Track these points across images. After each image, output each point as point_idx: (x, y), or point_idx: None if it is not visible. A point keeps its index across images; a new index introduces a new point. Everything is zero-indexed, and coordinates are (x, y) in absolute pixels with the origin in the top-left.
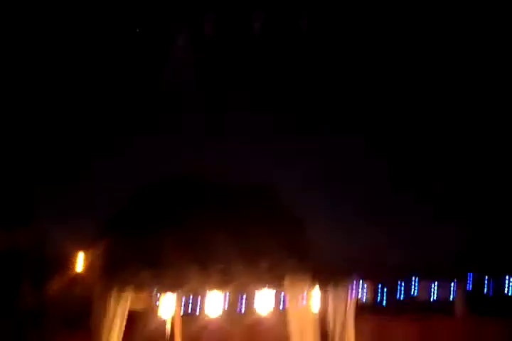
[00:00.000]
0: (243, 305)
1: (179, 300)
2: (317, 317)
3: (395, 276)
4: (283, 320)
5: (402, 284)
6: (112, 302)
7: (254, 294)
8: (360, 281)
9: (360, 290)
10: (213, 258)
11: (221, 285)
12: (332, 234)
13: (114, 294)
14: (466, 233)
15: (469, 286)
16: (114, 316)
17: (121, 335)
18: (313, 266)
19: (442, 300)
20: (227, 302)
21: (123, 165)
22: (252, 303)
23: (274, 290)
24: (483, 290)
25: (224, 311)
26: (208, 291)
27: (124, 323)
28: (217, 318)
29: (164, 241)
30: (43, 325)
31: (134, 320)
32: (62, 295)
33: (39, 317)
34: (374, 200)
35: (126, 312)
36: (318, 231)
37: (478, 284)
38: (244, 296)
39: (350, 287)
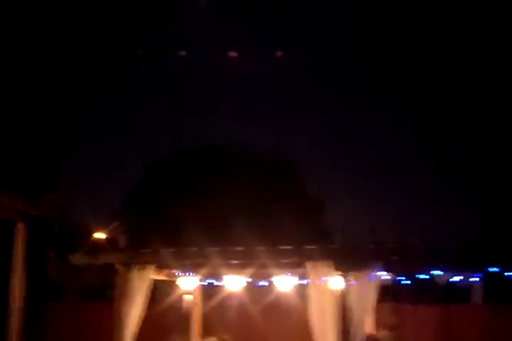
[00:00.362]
0: (264, 281)
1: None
2: (338, 294)
3: (416, 261)
4: (303, 296)
5: (423, 269)
6: (134, 276)
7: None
8: (382, 266)
9: (381, 274)
10: (234, 240)
11: (241, 268)
12: (354, 219)
13: (136, 270)
14: (489, 222)
15: (488, 274)
16: (137, 289)
17: (145, 305)
18: (335, 252)
19: (461, 286)
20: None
21: (143, 136)
22: (273, 280)
23: (295, 276)
24: (502, 279)
25: (244, 286)
26: (227, 274)
27: (148, 295)
28: (237, 292)
29: (185, 220)
30: (64, 296)
31: (156, 289)
32: (84, 267)
33: (61, 288)
34: (398, 185)
35: (149, 284)
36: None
37: (496, 273)
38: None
39: (372, 271)
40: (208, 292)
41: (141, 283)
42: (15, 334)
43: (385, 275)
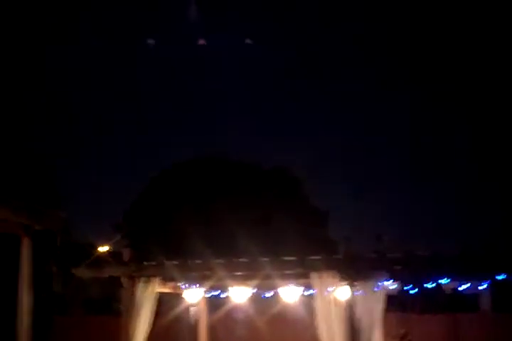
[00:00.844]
0: (269, 293)
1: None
2: (344, 305)
3: (422, 270)
4: (309, 307)
5: (430, 277)
6: (139, 289)
7: (279, 286)
8: (388, 274)
9: (387, 283)
10: (238, 251)
11: (246, 280)
12: (358, 227)
13: (141, 283)
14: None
15: (496, 282)
16: (142, 301)
17: (152, 318)
18: (340, 263)
19: (469, 294)
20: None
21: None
22: (278, 291)
23: (300, 287)
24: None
25: (249, 297)
26: (232, 286)
27: (154, 307)
28: (242, 303)
29: (188, 232)
30: (69, 309)
31: (161, 302)
32: (88, 281)
33: (66, 302)
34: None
35: (155, 297)
36: (344, 224)
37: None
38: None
39: (377, 281)
40: (214, 304)
41: (147, 295)
42: None
43: (391, 285)
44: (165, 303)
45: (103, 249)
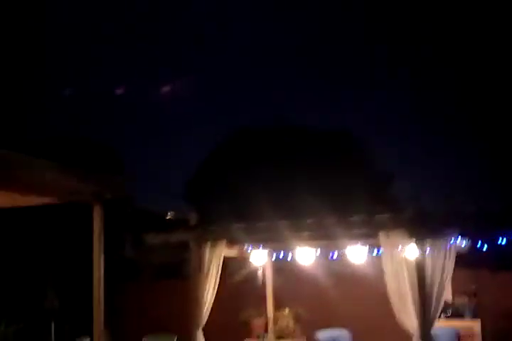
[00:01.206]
0: (335, 253)
1: (271, 251)
2: (413, 263)
3: (495, 225)
4: (377, 267)
5: (503, 234)
6: (206, 252)
7: (346, 246)
8: (459, 231)
9: (458, 240)
10: (304, 212)
11: (312, 241)
12: (425, 186)
13: (208, 246)
14: None
15: None
16: (210, 265)
17: (219, 281)
18: (409, 220)
19: None
20: (319, 250)
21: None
22: (345, 252)
23: (368, 246)
24: None
25: (316, 258)
26: (298, 247)
27: (221, 270)
28: (309, 265)
29: (254, 195)
30: (139, 275)
31: (228, 265)
32: (157, 246)
33: (137, 268)
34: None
35: (222, 260)
36: (409, 183)
37: None
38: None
39: (448, 238)
40: (280, 266)
41: (214, 258)
42: (98, 312)
43: (461, 242)
44: (231, 267)
45: (171, 214)
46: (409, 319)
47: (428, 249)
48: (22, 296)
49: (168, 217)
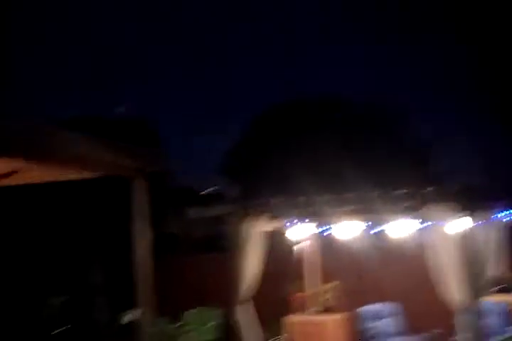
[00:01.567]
0: (379, 228)
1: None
2: (460, 237)
3: None
4: (422, 241)
5: None
6: (247, 226)
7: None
8: (506, 204)
9: (506, 213)
10: (345, 185)
11: (354, 215)
12: (466, 159)
13: (249, 220)
14: None
15: None
16: (250, 239)
17: (259, 256)
18: (454, 194)
19: None
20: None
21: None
22: (389, 226)
23: (410, 219)
24: None
25: (359, 232)
26: (340, 222)
27: (261, 245)
28: (351, 239)
29: (295, 169)
30: (181, 249)
31: (268, 240)
32: (198, 220)
33: (178, 242)
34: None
35: (261, 235)
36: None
37: None
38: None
39: (495, 211)
40: (322, 240)
41: (254, 233)
42: (142, 284)
43: (509, 215)
44: (271, 241)
45: (211, 189)
46: (455, 293)
47: (475, 222)
48: (69, 270)
49: (208, 192)
